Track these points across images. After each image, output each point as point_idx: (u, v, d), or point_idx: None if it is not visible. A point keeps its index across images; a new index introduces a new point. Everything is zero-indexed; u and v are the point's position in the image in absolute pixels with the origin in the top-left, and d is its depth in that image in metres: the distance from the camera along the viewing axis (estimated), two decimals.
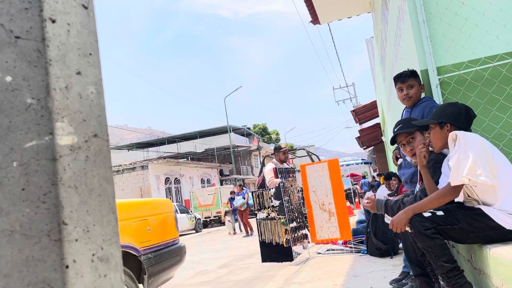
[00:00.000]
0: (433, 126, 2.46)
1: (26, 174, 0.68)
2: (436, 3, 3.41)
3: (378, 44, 8.50)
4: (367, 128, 18.68)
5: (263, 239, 5.89)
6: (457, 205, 2.34)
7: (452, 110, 2.43)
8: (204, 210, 22.35)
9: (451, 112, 2.41)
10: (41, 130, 0.70)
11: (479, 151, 2.13)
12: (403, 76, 3.19)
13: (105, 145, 0.83)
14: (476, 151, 2.12)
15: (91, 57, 0.84)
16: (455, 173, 2.13)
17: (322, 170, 5.74)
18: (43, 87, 0.72)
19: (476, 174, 2.08)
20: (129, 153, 41.00)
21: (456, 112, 2.41)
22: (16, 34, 0.71)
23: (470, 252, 2.49)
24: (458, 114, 2.41)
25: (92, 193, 0.77)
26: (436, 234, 2.21)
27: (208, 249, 10.51)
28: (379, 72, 9.93)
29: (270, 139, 52.53)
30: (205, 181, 32.12)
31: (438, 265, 2.23)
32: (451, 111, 2.42)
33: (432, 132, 2.48)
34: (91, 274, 0.73)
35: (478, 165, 2.08)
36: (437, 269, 2.25)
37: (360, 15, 8.64)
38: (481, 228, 2.18)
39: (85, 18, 0.84)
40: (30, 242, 0.67)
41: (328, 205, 5.66)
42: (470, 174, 2.08)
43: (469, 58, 3.32)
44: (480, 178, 2.08)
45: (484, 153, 2.14)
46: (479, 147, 2.16)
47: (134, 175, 25.63)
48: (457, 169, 2.12)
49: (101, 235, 0.78)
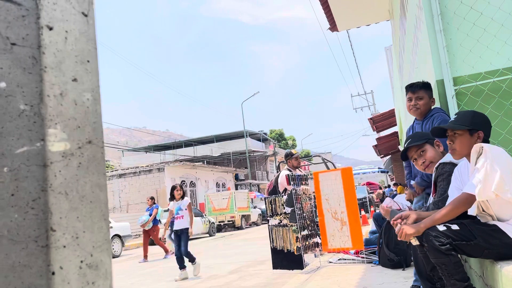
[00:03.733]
0: (460, 133, 2.33)
1: (16, 180, 0.69)
2: (453, 12, 3.36)
3: (396, 53, 8.42)
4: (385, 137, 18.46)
5: (274, 246, 5.86)
6: (472, 220, 2.28)
7: (482, 118, 2.36)
8: (218, 214, 22.37)
9: (482, 121, 2.34)
10: (33, 136, 0.71)
11: (506, 166, 2.08)
12: (414, 86, 3.19)
13: (100, 151, 0.84)
14: (503, 166, 2.07)
15: (88, 64, 0.84)
16: (483, 188, 2.07)
17: (335, 179, 5.69)
18: (36, 93, 0.72)
19: (504, 190, 2.03)
20: (146, 155, 41.41)
21: (486, 121, 2.35)
22: (12, 41, 0.72)
23: (482, 268, 2.43)
24: (485, 123, 2.35)
25: (83, 199, 0.78)
26: (451, 250, 2.15)
27: (220, 253, 10.51)
28: (397, 81, 9.83)
29: (286, 144, 52.43)
30: (220, 185, 32.21)
31: (450, 283, 2.17)
32: (482, 119, 2.35)
33: (459, 138, 2.34)
34: (78, 281, 0.73)
35: (505, 181, 2.04)
36: (449, 286, 2.19)
37: (379, 23, 8.58)
38: (497, 245, 2.13)
39: (84, 25, 0.85)
40: (17, 247, 0.68)
41: (340, 214, 5.60)
42: (498, 189, 2.03)
43: (487, 69, 3.25)
44: (508, 195, 2.03)
45: (510, 168, 2.09)
46: (506, 162, 2.10)
47: (151, 177, 25.86)
48: (485, 184, 2.06)
49: (91, 241, 0.78)
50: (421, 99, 3.17)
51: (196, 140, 41.74)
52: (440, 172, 2.65)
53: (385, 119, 15.91)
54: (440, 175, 2.65)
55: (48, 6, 0.77)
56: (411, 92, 3.22)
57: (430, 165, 2.80)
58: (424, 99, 3.17)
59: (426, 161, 2.79)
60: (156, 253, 12.58)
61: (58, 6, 0.79)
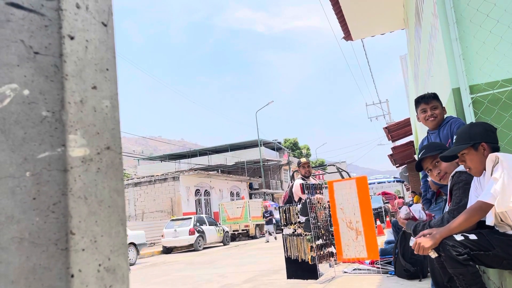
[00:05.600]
0: (466, 152, 2.34)
1: (37, 184, 0.71)
2: (469, 20, 3.34)
3: (411, 61, 8.37)
4: (400, 146, 18.28)
5: (288, 255, 5.83)
6: (490, 229, 2.24)
7: (478, 129, 2.35)
8: (233, 223, 22.35)
9: (480, 131, 2.33)
10: (54, 142, 0.73)
11: None
12: (426, 97, 3.24)
13: (118, 157, 0.86)
14: None
15: (107, 72, 0.87)
16: (501, 199, 2.05)
17: (350, 188, 5.65)
18: (58, 100, 0.75)
19: None
20: (161, 164, 41.72)
21: (483, 130, 2.33)
22: (35, 50, 0.75)
23: (501, 278, 2.38)
24: (486, 131, 2.33)
25: (101, 204, 0.79)
26: (468, 260, 2.12)
27: (234, 262, 10.49)
28: (413, 90, 9.75)
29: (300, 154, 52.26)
30: (234, 194, 32.22)
31: None
32: (478, 130, 2.34)
33: (467, 158, 2.33)
34: (96, 284, 0.75)
35: None
36: None
37: (393, 31, 8.55)
38: None
39: (104, 35, 0.88)
40: (38, 250, 0.69)
41: (355, 224, 5.55)
42: None
43: (504, 77, 3.22)
44: None
45: None
46: None
47: (166, 186, 26.03)
48: (503, 194, 2.04)
49: (109, 245, 0.80)
50: (436, 109, 3.23)
51: (210, 149, 41.93)
52: (456, 181, 2.62)
53: (400, 128, 15.77)
54: (456, 184, 2.62)
55: (70, 16, 0.80)
56: (425, 104, 3.27)
57: (445, 176, 2.77)
58: (438, 108, 3.24)
59: (441, 172, 2.76)
60: (170, 261, 12.61)
61: (79, 16, 0.82)
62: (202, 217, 19.03)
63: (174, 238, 16.97)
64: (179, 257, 14.56)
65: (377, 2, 7.03)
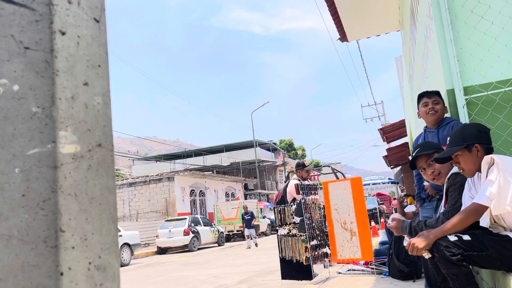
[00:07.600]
0: (460, 153, 2.35)
1: (27, 181, 0.70)
2: (464, 22, 3.35)
3: (406, 63, 8.40)
4: (395, 147, 18.32)
5: (283, 256, 5.83)
6: (484, 230, 2.25)
7: (471, 130, 2.35)
8: (227, 224, 22.32)
9: (472, 132, 2.33)
10: (44, 138, 0.72)
11: None
12: (429, 92, 3.26)
13: (109, 155, 0.85)
14: None
15: (99, 68, 0.86)
16: (498, 201, 2.05)
17: (345, 188, 5.66)
18: (48, 96, 0.74)
19: None
20: (156, 164, 41.59)
21: (476, 131, 2.34)
22: (26, 45, 0.74)
23: (494, 279, 2.39)
24: (479, 132, 2.33)
25: (92, 201, 0.78)
26: (462, 261, 2.12)
27: (229, 263, 10.47)
28: (408, 91, 9.78)
29: (296, 154, 52.28)
30: (229, 194, 32.18)
31: None
32: (471, 131, 2.34)
33: (461, 159, 2.34)
34: (86, 282, 0.74)
35: None
36: None
37: (389, 33, 8.57)
38: (509, 256, 2.10)
39: (96, 31, 0.87)
40: (26, 247, 0.68)
41: (350, 224, 5.56)
42: None
43: (498, 78, 3.23)
44: None
45: None
46: None
47: (161, 186, 25.94)
48: (500, 197, 2.04)
49: (100, 243, 0.79)
50: (437, 104, 3.26)
51: (205, 150, 41.85)
52: (452, 183, 2.62)
53: (395, 130, 15.81)
54: (452, 185, 2.62)
55: (61, 11, 0.79)
56: (427, 97, 3.30)
57: (439, 176, 2.77)
58: (440, 104, 3.27)
59: (435, 171, 2.76)
60: (164, 262, 12.57)
61: (71, 11, 0.81)
62: (197, 217, 19.00)
63: (168, 239, 16.93)
64: (173, 257, 14.52)
65: (373, 4, 7.04)
